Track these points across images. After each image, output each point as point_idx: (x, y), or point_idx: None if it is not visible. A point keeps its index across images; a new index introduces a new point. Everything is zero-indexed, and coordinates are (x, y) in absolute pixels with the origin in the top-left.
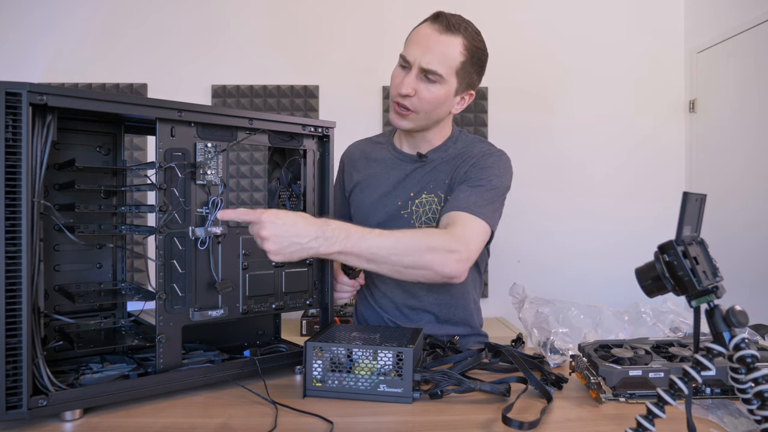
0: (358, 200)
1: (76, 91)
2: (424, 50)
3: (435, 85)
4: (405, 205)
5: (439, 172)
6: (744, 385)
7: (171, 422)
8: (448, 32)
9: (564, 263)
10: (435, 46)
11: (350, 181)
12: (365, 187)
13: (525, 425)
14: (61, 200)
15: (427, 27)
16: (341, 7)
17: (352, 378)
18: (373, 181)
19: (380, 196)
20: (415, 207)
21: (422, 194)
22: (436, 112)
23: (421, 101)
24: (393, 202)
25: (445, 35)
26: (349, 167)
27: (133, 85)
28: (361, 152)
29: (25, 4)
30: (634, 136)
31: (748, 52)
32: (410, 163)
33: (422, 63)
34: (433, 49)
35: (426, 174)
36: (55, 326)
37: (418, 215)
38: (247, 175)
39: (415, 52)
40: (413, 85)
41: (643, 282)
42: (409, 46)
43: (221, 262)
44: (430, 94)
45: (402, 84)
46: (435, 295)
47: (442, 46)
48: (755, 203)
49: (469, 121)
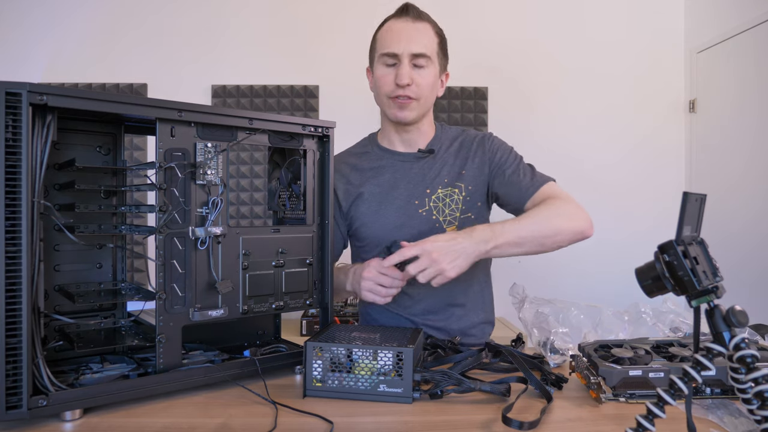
0: (365, 211)
1: (76, 91)
2: (408, 40)
3: (425, 69)
4: (422, 203)
5: (447, 164)
6: (744, 385)
7: (171, 422)
8: (419, 20)
9: (564, 263)
10: (415, 33)
11: (348, 197)
12: (370, 196)
13: (525, 425)
14: (61, 200)
15: (400, 21)
16: (341, 7)
17: (352, 378)
18: (376, 189)
19: (392, 200)
20: (433, 203)
21: (438, 189)
22: (431, 95)
23: (420, 87)
24: (408, 202)
25: (419, 23)
26: (342, 184)
27: (133, 85)
28: (348, 165)
29: (25, 5)
30: (634, 135)
31: (748, 52)
32: (413, 161)
33: (412, 50)
34: (414, 37)
35: (433, 168)
36: (55, 326)
37: (438, 210)
38: (247, 175)
39: (400, 45)
40: (409, 74)
41: (643, 282)
42: (389, 42)
43: (221, 262)
44: (424, 79)
45: (399, 76)
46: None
47: (420, 32)
48: (755, 203)
49: (469, 121)
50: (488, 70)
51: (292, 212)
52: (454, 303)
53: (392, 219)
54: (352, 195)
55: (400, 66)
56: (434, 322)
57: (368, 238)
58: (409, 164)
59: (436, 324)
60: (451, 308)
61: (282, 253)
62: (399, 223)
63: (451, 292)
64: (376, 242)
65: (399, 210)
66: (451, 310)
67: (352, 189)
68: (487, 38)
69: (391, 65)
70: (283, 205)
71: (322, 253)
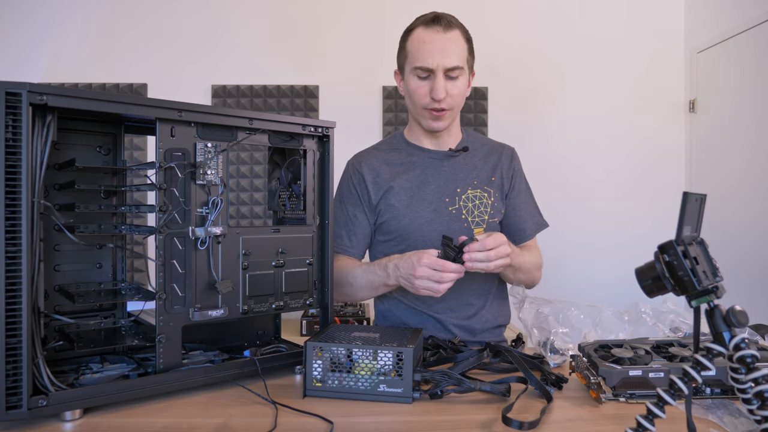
0: (396, 204)
1: (76, 91)
2: (442, 53)
3: (458, 79)
4: (452, 201)
5: (477, 167)
6: (744, 385)
7: (171, 422)
8: (450, 30)
9: (564, 263)
10: (447, 45)
11: (378, 190)
12: (400, 190)
13: (525, 425)
14: (61, 200)
15: (431, 32)
16: (341, 7)
17: (352, 378)
18: (407, 184)
19: (423, 196)
20: (462, 202)
21: (468, 189)
22: (463, 101)
23: (454, 98)
24: (438, 199)
25: (449, 32)
26: (371, 177)
27: (133, 85)
28: (379, 159)
29: (25, 5)
30: (634, 136)
31: (748, 52)
32: (444, 159)
33: (446, 65)
34: (447, 49)
35: (464, 168)
36: (55, 326)
37: (468, 210)
38: (247, 175)
39: (434, 59)
40: (444, 88)
41: (643, 282)
42: (422, 55)
43: (221, 262)
44: (458, 89)
45: (434, 91)
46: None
47: (452, 43)
48: (755, 203)
49: (469, 121)
50: (488, 70)
51: (292, 212)
52: (474, 302)
53: (423, 214)
54: (383, 188)
55: (435, 80)
56: (458, 320)
57: (396, 231)
58: (439, 162)
59: (461, 322)
60: (472, 307)
61: (282, 253)
62: (429, 218)
63: (472, 290)
64: (405, 236)
65: (430, 206)
66: (473, 309)
67: (383, 182)
68: (487, 38)
69: (425, 77)
70: (283, 205)
71: (322, 253)
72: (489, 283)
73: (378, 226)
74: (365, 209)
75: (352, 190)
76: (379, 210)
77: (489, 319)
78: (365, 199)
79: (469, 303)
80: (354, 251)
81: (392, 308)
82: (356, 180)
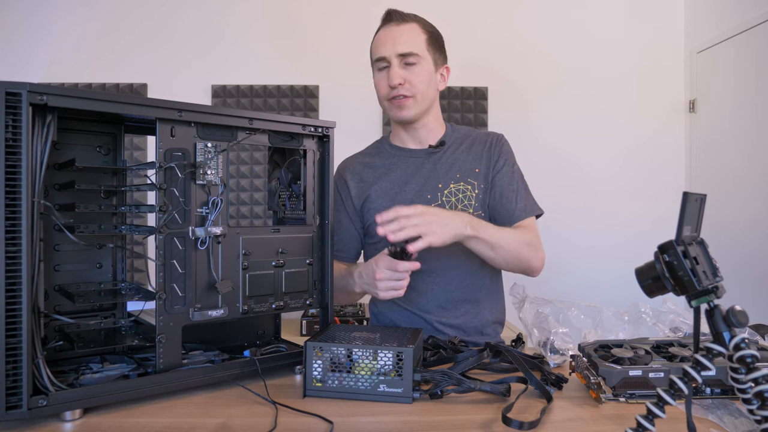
0: (378, 207)
1: (76, 91)
2: (394, 42)
3: (417, 66)
4: (435, 198)
5: (459, 160)
6: (744, 385)
7: (171, 422)
8: (403, 22)
9: (564, 263)
10: (399, 35)
11: (360, 195)
12: (383, 193)
13: (525, 425)
14: (61, 200)
15: (385, 28)
16: (341, 7)
17: (352, 378)
18: (389, 185)
19: (406, 195)
20: (445, 197)
21: (450, 184)
22: (429, 90)
23: (413, 84)
24: (420, 196)
25: (402, 25)
26: (354, 182)
27: (133, 85)
28: (362, 164)
29: (26, 5)
30: (634, 136)
31: (748, 52)
32: (425, 156)
33: (398, 51)
34: (399, 38)
35: (445, 163)
36: (55, 326)
37: (451, 204)
38: (247, 175)
39: (386, 48)
40: (401, 74)
41: (643, 282)
42: (377, 49)
43: (221, 262)
44: (417, 76)
45: (390, 77)
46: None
47: (405, 33)
48: (755, 203)
49: (469, 121)
50: (488, 70)
51: (292, 212)
52: (466, 299)
53: None
54: (365, 192)
55: (390, 68)
56: (449, 319)
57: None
58: (420, 160)
59: (452, 321)
60: (463, 305)
61: (282, 253)
62: None
63: (462, 288)
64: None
65: (411, 204)
66: (465, 307)
67: (365, 186)
68: (487, 38)
69: (384, 69)
70: (283, 205)
71: (322, 253)
72: (480, 280)
73: (366, 229)
74: (349, 214)
75: (336, 196)
76: (363, 214)
77: (483, 317)
78: (348, 204)
79: (461, 300)
80: (341, 255)
81: (384, 310)
82: (340, 186)
